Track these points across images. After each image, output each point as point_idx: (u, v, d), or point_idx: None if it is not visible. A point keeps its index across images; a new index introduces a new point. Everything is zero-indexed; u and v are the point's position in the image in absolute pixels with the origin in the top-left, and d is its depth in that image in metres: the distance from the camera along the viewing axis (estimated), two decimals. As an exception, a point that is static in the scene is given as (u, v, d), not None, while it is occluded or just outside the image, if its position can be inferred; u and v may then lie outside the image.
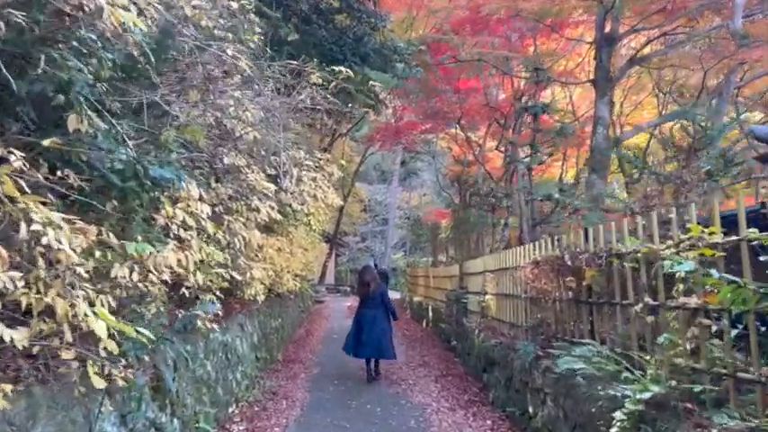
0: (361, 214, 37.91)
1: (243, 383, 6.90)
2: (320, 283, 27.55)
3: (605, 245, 3.92)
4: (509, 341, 6.02)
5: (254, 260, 6.32)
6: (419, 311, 16.89)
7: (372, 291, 8.13)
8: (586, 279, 3.96)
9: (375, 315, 7.97)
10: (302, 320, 16.22)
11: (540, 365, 4.67)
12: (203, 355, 5.51)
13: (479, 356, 7.32)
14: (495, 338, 6.70)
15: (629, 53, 12.25)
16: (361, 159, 29.20)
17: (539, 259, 5.05)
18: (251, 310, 8.59)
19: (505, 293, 6.63)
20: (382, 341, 7.84)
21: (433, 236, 25.26)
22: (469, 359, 8.24)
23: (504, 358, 5.87)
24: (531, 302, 5.41)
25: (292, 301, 13.98)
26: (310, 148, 7.46)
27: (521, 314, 5.95)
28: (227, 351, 6.53)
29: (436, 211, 25.03)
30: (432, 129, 21.41)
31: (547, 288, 4.96)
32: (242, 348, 7.35)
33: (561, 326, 4.76)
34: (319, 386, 7.68)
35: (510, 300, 6.41)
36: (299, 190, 6.71)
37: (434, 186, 32.86)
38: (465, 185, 21.65)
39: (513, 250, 6.28)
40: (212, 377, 5.69)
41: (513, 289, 6.25)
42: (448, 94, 17.44)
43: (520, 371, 5.19)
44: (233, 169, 4.69)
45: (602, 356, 3.50)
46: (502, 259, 6.90)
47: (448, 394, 6.94)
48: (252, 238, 6.07)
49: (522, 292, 5.88)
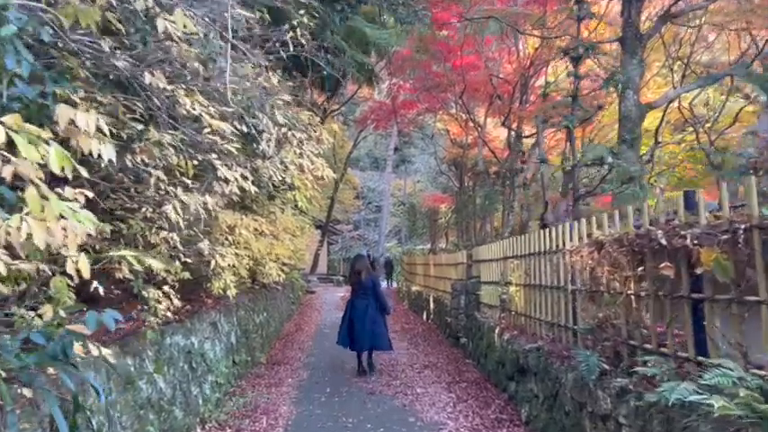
0: (354, 201, 36.78)
1: (213, 398, 5.57)
2: (312, 272, 26.27)
3: (733, 214, 2.60)
4: (551, 346, 4.71)
5: (223, 244, 4.97)
6: (418, 303, 15.60)
7: (364, 280, 7.71)
8: (703, 264, 2.64)
9: (366, 305, 7.56)
10: (292, 313, 14.89)
11: (609, 385, 3.37)
12: (153, 369, 4.18)
13: (502, 361, 6.03)
14: (526, 340, 5.40)
15: (655, 13, 10.94)
16: (354, 143, 27.79)
17: (602, 239, 3.73)
18: (228, 305, 7.25)
19: (540, 284, 5.32)
20: (375, 331, 7.43)
21: (431, 222, 23.94)
22: (487, 362, 6.95)
23: (545, 368, 4.57)
24: (588, 297, 4.09)
25: (281, 293, 12.65)
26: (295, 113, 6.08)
27: (565, 311, 4.64)
28: (192, 358, 5.19)
29: (434, 196, 23.71)
30: (429, 108, 20.04)
31: (613, 278, 3.65)
32: (214, 353, 6.01)
33: (639, 330, 3.46)
34: (309, 396, 6.37)
35: (548, 292, 5.11)
36: (281, 158, 5.35)
37: (429, 173, 31.68)
38: (464, 168, 20.38)
39: (554, 230, 4.96)
40: (167, 396, 4.36)
41: (553, 279, 4.94)
42: (448, 72, 16.13)
43: (573, 387, 3.89)
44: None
45: (749, 387, 2.20)
46: (533, 242, 5.58)
47: (467, 408, 5.64)
48: (219, 215, 4.73)
49: (567, 282, 4.57)
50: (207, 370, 5.57)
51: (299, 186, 5.75)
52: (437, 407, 5.76)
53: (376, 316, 7.57)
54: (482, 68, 16.13)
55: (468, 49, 16.18)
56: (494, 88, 15.72)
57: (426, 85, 16.37)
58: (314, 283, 24.37)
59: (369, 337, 7.39)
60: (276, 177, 5.24)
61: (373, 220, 40.61)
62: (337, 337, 7.80)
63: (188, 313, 5.58)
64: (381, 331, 7.55)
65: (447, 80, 16.00)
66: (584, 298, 4.17)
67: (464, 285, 9.72)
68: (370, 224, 40.85)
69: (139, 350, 3.96)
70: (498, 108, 16.64)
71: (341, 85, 16.68)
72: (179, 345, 4.89)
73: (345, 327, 7.64)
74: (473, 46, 16.26)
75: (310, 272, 25.63)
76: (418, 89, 18.98)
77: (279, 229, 7.92)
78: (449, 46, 16.34)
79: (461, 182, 19.79)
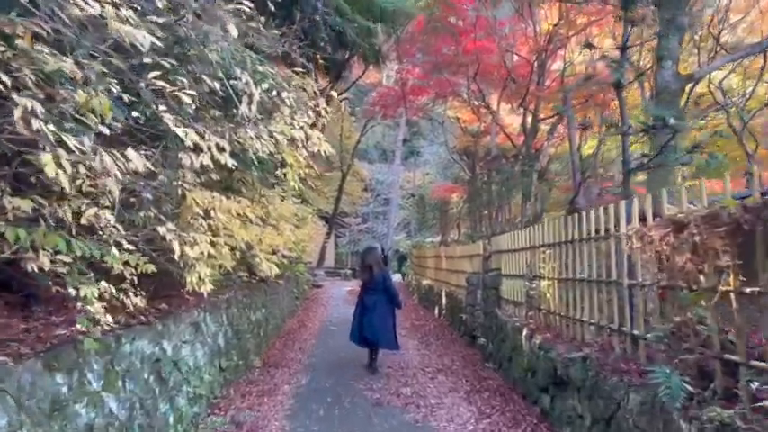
0: (361, 194, 35.88)
1: (189, 413, 4.70)
2: (319, 266, 25.39)
3: None
4: (601, 355, 3.77)
5: (198, 230, 4.07)
6: (429, 297, 14.69)
7: (375, 275, 7.36)
8: None
9: (376, 301, 7.24)
10: (295, 309, 14.04)
11: (700, 416, 2.44)
12: (101, 386, 3.30)
13: (533, 368, 5.10)
14: (564, 345, 4.47)
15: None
16: (362, 132, 26.82)
17: (682, 218, 2.79)
18: (216, 302, 6.40)
19: (581, 278, 4.39)
20: (381, 328, 7.12)
21: (442, 213, 22.95)
22: (512, 368, 6.03)
23: (594, 384, 3.64)
24: (659, 294, 3.15)
25: (283, 287, 11.79)
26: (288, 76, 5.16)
27: (620, 312, 3.70)
28: (162, 368, 4.32)
29: (444, 186, 22.70)
30: (440, 93, 19.00)
31: (699, 269, 2.72)
32: (194, 359, 5.14)
33: (742, 340, 2.52)
34: (306, 407, 5.50)
35: (593, 288, 4.17)
36: (267, 128, 4.44)
37: (439, 164, 30.66)
38: (476, 157, 19.38)
39: (601, 210, 4.01)
40: (120, 419, 3.48)
41: (602, 271, 4.00)
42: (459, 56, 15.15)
43: (640, 414, 2.96)
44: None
45: None
46: (571, 227, 4.64)
47: (492, 426, 4.73)
48: (187, 193, 3.83)
49: (623, 275, 3.64)
50: (182, 380, 4.70)
51: (291, 164, 4.83)
52: (456, 423, 4.86)
53: (385, 313, 7.26)
54: (495, 52, 15.11)
55: (481, 33, 15.22)
56: (508, 71, 14.70)
57: (438, 65, 15.32)
58: (320, 277, 23.52)
59: (376, 334, 7.08)
60: (262, 151, 4.33)
61: (382, 212, 39.76)
62: (350, 334, 7.49)
63: (160, 313, 4.71)
64: (388, 329, 7.24)
65: (459, 60, 14.99)
66: (651, 295, 3.23)
67: (481, 279, 8.80)
68: (378, 217, 40.01)
69: (78, 363, 3.08)
70: (512, 92, 15.63)
71: (345, 68, 15.74)
72: (143, 352, 4.01)
73: (357, 323, 7.34)
74: (485, 29, 15.29)
75: (317, 265, 24.78)
76: (428, 73, 18.00)
77: (273, 216, 7.01)
78: (460, 27, 15.37)
79: (473, 170, 18.78)
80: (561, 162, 17.90)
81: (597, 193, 7.63)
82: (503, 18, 16.73)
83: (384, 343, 7.15)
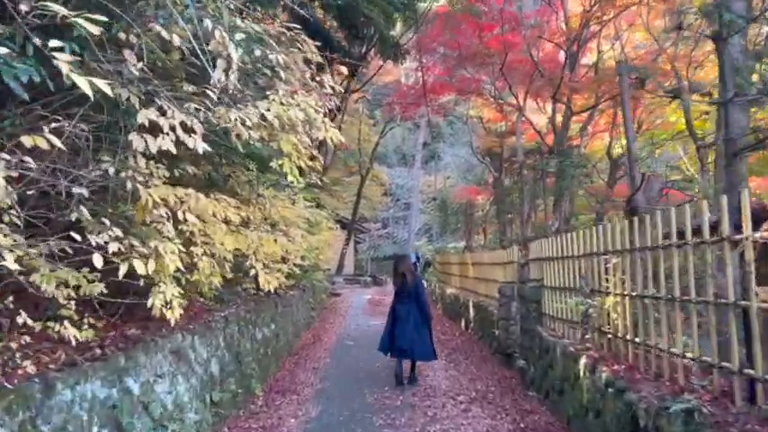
0: (381, 198, 35.01)
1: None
2: (338, 273, 24.44)
3: None
4: (715, 407, 2.67)
5: (162, 235, 3.10)
6: (454, 308, 13.58)
7: (408, 283, 7.12)
8: None
9: (409, 310, 7.01)
10: (311, 321, 13.07)
11: None
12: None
13: (595, 408, 4.01)
14: (643, 383, 3.38)
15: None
16: (381, 133, 25.92)
17: None
18: (210, 320, 5.46)
19: (671, 297, 3.29)
20: (416, 340, 6.85)
21: (467, 216, 21.80)
22: (563, 402, 4.93)
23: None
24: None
25: (297, 298, 10.84)
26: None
27: (743, 347, 2.61)
28: (120, 415, 3.35)
29: (469, 189, 21.56)
30: (462, 90, 17.92)
31: None
32: (174, 396, 4.18)
33: None
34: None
35: (692, 310, 3.07)
36: (254, 106, 3.46)
37: (460, 167, 29.56)
38: (502, 157, 18.26)
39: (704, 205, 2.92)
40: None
41: (709, 288, 2.91)
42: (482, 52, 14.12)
43: None
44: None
45: None
46: (650, 229, 3.55)
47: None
48: (141, 190, 2.86)
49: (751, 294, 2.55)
50: (154, 428, 3.73)
51: (289, 152, 3.84)
52: (501, 482, 3.80)
53: (419, 323, 7.01)
54: (520, 46, 14.04)
55: (506, 27, 14.19)
56: (535, 64, 13.59)
57: (462, 58, 14.29)
58: (339, 285, 22.54)
59: (408, 346, 6.82)
60: (249, 135, 3.35)
61: (402, 217, 38.85)
62: (379, 344, 7.20)
63: (127, 340, 3.75)
64: (423, 339, 6.97)
65: (484, 52, 13.92)
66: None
67: (517, 290, 7.72)
68: (398, 222, 39.10)
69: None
70: (540, 87, 14.50)
71: (362, 63, 14.84)
72: (93, 397, 3.05)
73: (387, 333, 7.11)
74: (510, 22, 14.25)
75: (336, 272, 23.83)
76: (450, 68, 16.99)
77: (274, 219, 6.04)
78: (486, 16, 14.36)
79: (500, 171, 17.65)
80: (599, 161, 16.60)
81: (659, 190, 6.51)
82: (528, 11, 15.78)
83: (418, 354, 6.90)
